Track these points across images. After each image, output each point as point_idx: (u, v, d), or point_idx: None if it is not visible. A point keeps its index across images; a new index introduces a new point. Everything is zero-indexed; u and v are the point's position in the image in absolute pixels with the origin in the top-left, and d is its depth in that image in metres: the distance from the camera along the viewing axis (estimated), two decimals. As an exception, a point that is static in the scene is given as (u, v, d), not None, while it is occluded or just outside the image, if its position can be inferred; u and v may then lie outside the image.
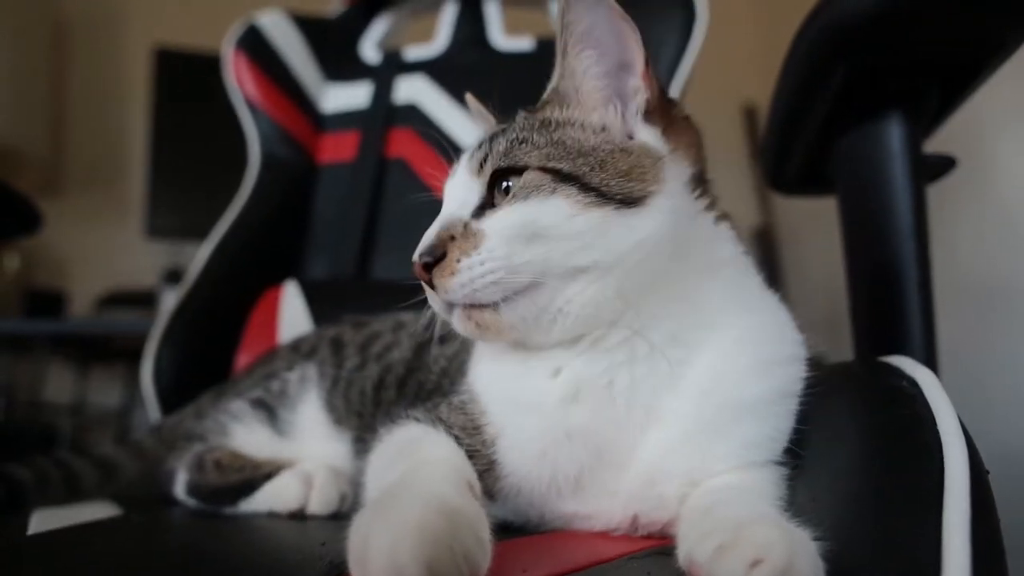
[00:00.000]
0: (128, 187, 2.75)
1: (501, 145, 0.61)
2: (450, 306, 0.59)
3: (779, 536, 0.41)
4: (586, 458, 0.58)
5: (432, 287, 0.58)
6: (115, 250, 2.74)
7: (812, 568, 0.40)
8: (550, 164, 0.58)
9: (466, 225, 0.59)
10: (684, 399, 0.58)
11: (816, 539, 0.43)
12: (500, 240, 0.57)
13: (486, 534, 0.44)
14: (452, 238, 0.58)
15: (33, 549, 0.57)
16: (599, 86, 0.62)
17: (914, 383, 0.53)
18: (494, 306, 0.57)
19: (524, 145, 0.61)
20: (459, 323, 0.60)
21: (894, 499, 0.45)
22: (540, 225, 0.57)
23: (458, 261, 0.57)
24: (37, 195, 1.15)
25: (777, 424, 0.59)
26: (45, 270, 2.68)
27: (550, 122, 0.63)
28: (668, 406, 0.58)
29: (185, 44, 2.56)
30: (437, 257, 0.57)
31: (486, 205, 0.60)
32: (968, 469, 0.43)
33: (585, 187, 0.57)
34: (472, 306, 0.58)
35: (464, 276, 0.56)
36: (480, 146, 0.63)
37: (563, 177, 0.58)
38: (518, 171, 0.59)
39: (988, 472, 0.46)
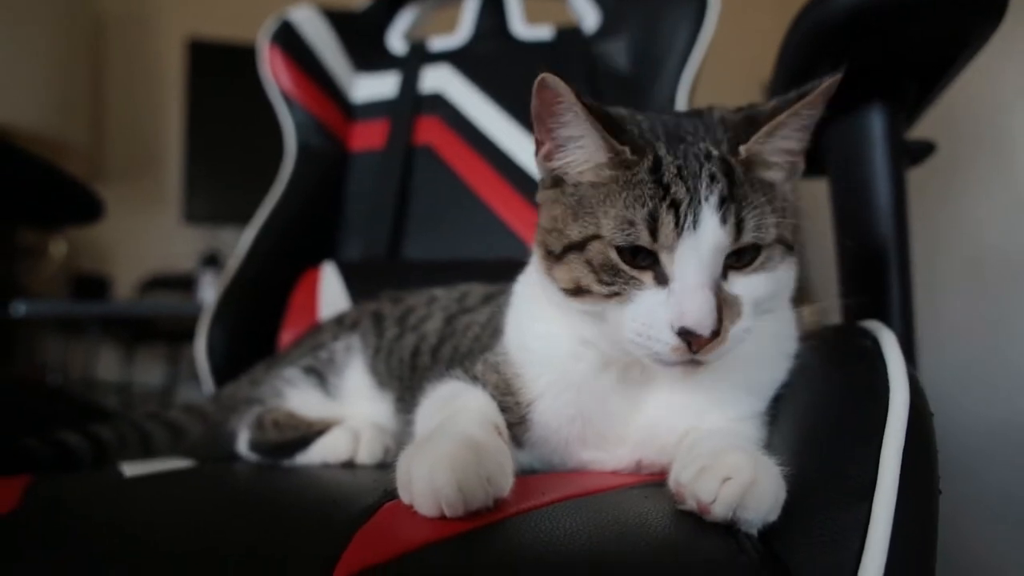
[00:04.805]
0: (166, 175, 2.82)
1: (750, 218, 0.58)
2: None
3: (746, 460, 0.51)
4: (609, 418, 0.68)
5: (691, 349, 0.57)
6: (154, 236, 2.82)
7: (773, 485, 0.50)
8: (786, 236, 0.62)
9: (722, 289, 0.59)
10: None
11: (779, 465, 0.53)
12: (751, 309, 0.60)
13: (508, 465, 0.55)
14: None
15: (135, 486, 0.68)
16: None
17: (876, 341, 0.62)
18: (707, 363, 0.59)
19: (766, 217, 0.60)
20: (669, 370, 0.61)
21: (845, 433, 0.55)
22: (774, 291, 0.62)
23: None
24: (80, 184, 1.24)
25: (768, 396, 0.69)
26: (89, 256, 2.76)
27: (767, 185, 0.62)
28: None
29: (218, 35, 2.63)
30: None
31: (729, 266, 0.60)
32: (908, 410, 0.53)
33: (790, 247, 0.63)
34: (699, 364, 0.59)
35: (731, 345, 0.58)
36: (724, 201, 0.58)
37: (788, 246, 0.63)
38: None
39: (932, 415, 0.56)
